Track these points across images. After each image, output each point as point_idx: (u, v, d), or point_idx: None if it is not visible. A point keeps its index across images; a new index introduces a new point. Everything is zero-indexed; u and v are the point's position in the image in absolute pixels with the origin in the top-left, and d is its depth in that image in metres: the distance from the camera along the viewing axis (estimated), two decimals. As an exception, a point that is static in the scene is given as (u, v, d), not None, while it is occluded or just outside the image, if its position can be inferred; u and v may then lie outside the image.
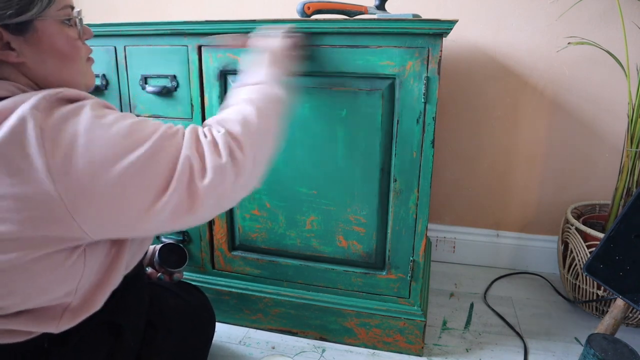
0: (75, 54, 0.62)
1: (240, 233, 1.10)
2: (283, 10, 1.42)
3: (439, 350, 1.06)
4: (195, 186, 0.57)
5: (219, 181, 0.59)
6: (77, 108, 0.54)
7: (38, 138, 0.49)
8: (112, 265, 0.63)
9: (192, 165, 0.57)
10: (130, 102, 1.06)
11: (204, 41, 0.97)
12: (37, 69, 0.58)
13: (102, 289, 0.63)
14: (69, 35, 0.61)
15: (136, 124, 0.57)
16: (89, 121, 0.53)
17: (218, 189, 0.59)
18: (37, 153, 0.49)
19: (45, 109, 0.51)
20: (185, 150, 0.58)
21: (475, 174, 1.43)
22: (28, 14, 0.54)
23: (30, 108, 0.50)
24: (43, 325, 0.59)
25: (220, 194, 0.59)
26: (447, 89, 1.37)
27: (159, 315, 0.82)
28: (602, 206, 1.31)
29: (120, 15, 1.56)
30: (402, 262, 1.00)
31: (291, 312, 1.10)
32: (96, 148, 0.52)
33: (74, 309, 0.61)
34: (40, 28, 0.57)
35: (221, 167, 0.59)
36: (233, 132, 0.63)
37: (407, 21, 0.86)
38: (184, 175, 0.56)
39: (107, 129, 0.54)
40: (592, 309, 1.19)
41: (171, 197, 0.55)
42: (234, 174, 0.60)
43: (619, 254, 0.93)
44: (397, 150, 0.94)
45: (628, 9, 1.18)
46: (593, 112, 1.30)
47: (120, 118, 0.56)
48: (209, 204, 0.59)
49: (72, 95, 0.56)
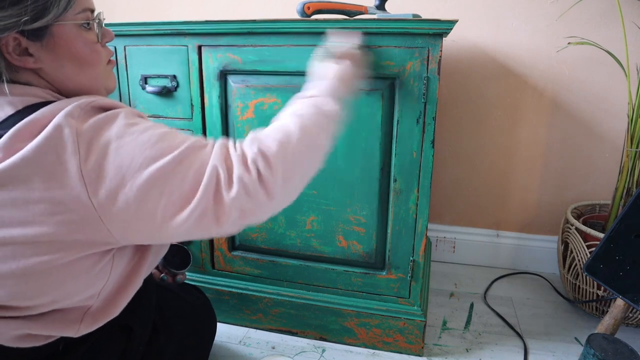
0: (94, 59, 0.62)
1: (240, 233, 1.10)
2: (283, 10, 1.42)
3: (439, 350, 1.06)
4: (221, 196, 0.56)
5: (244, 195, 0.56)
6: (112, 116, 0.55)
7: (74, 144, 0.51)
8: (134, 270, 0.64)
9: (219, 175, 0.56)
10: (130, 102, 1.06)
11: (204, 41, 0.97)
12: (55, 74, 0.59)
13: (123, 293, 0.64)
14: (88, 39, 0.60)
15: (167, 134, 0.57)
16: (121, 128, 0.54)
17: (243, 202, 0.57)
18: (72, 158, 0.51)
19: (80, 117, 0.53)
20: (214, 160, 0.57)
21: (475, 174, 1.43)
22: (44, 19, 0.54)
23: (65, 116, 0.52)
24: (64, 329, 0.60)
25: (246, 209, 0.57)
26: (447, 89, 1.37)
27: (161, 316, 0.82)
28: (602, 206, 1.31)
29: (120, 15, 1.56)
30: (402, 262, 1.00)
31: (291, 312, 1.10)
32: (126, 154, 0.53)
33: (94, 313, 0.62)
34: (57, 33, 0.57)
35: (248, 181, 0.57)
36: (266, 151, 0.59)
37: (407, 21, 0.85)
38: (210, 185, 0.55)
39: (137, 135, 0.54)
40: (592, 309, 1.19)
41: (197, 205, 0.55)
42: (263, 192, 0.58)
43: (619, 254, 0.93)
44: (397, 150, 0.94)
45: (628, 9, 1.18)
46: (593, 112, 1.30)
47: (152, 127, 0.57)
48: (233, 217, 0.57)
49: (105, 104, 0.57)
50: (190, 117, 1.03)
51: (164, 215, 0.55)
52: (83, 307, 0.61)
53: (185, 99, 1.02)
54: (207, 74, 0.99)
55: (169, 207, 0.54)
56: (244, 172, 0.57)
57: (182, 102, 1.03)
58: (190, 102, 1.02)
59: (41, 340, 0.60)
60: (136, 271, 0.65)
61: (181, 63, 1.00)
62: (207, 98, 1.01)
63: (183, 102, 1.03)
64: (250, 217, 0.58)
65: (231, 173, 0.57)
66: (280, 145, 0.60)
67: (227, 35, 0.96)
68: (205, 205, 0.55)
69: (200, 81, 1.00)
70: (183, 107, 1.03)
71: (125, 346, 0.71)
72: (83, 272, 0.56)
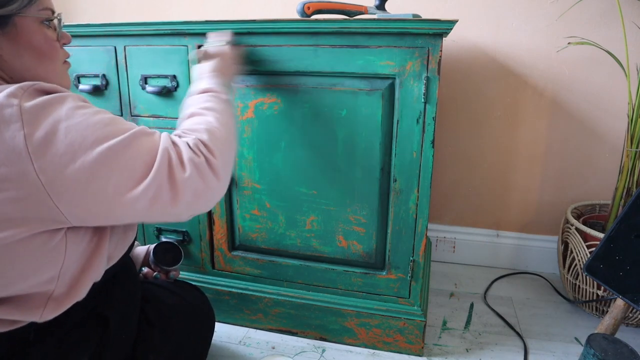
0: (52, 54, 0.64)
1: (240, 233, 1.10)
2: (283, 10, 1.42)
3: (439, 350, 1.06)
4: (174, 176, 0.60)
5: (197, 175, 0.61)
6: (60, 97, 0.56)
7: (17, 121, 0.51)
8: (94, 253, 0.64)
9: (170, 156, 0.60)
10: (130, 102, 1.06)
11: (204, 41, 0.97)
12: (13, 62, 0.60)
13: (84, 277, 0.64)
14: (48, 35, 0.63)
15: (116, 119, 0.60)
16: (69, 110, 0.56)
17: (196, 183, 0.61)
18: (17, 136, 0.51)
19: (22, 96, 0.53)
20: (164, 143, 0.61)
21: (475, 174, 1.43)
22: (8, 8, 0.57)
23: (7, 95, 0.52)
24: (27, 313, 0.60)
25: (198, 190, 0.62)
26: (447, 89, 1.37)
27: (156, 312, 0.82)
28: (602, 206, 1.31)
29: (120, 15, 1.56)
30: (402, 262, 1.00)
31: (291, 312, 1.10)
32: (76, 133, 0.54)
33: (58, 298, 0.62)
34: (19, 24, 0.59)
35: (199, 163, 0.62)
36: (202, 138, 0.66)
37: (407, 21, 0.85)
38: (163, 164, 0.59)
39: (88, 117, 0.57)
40: (592, 309, 1.19)
41: (151, 183, 0.58)
42: (211, 174, 0.64)
43: (619, 254, 0.93)
44: (397, 150, 0.94)
45: (628, 9, 1.18)
46: (593, 112, 1.30)
47: (101, 111, 0.59)
48: (188, 198, 0.61)
49: (48, 88, 0.57)
50: (190, 117, 1.03)
51: (115, 191, 0.56)
52: (45, 291, 0.60)
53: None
54: (207, 74, 0.99)
55: (121, 184, 0.56)
56: (193, 155, 0.62)
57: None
58: (190, 102, 1.02)
59: (6, 325, 0.59)
60: (96, 255, 0.65)
61: (181, 63, 1.00)
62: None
63: (183, 102, 1.03)
64: (201, 199, 0.63)
65: (181, 156, 0.61)
66: (209, 133, 0.67)
67: (227, 35, 0.96)
68: (160, 183, 0.58)
69: (200, 81, 1.00)
70: (183, 107, 1.03)
71: (102, 336, 0.70)
72: (33, 252, 0.56)
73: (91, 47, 1.04)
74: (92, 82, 1.07)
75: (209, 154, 0.64)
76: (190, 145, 0.64)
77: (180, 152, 0.62)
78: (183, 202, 0.61)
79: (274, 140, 1.00)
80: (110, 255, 0.69)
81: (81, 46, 1.04)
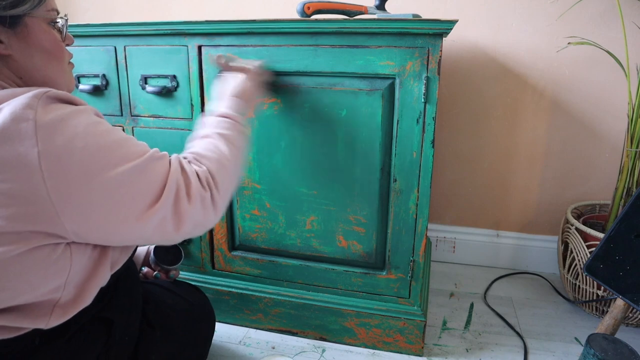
0: (59, 54, 0.64)
1: (240, 233, 1.10)
2: (283, 10, 1.42)
3: (439, 350, 1.06)
4: (180, 207, 0.62)
5: (200, 209, 0.65)
6: (74, 112, 0.56)
7: (32, 138, 0.50)
8: (99, 260, 0.65)
9: (179, 187, 0.63)
10: (130, 102, 1.06)
11: (204, 41, 0.97)
12: (24, 62, 0.60)
13: (90, 284, 0.64)
14: (55, 35, 0.63)
15: (129, 139, 0.61)
16: (86, 126, 0.55)
17: (198, 216, 0.65)
18: (30, 150, 0.50)
19: (38, 108, 0.52)
20: (174, 172, 0.63)
21: (475, 174, 1.43)
22: (20, 8, 0.57)
23: (22, 107, 0.51)
24: (33, 321, 0.59)
25: (198, 222, 0.66)
26: (447, 89, 1.37)
27: (156, 313, 0.82)
28: (602, 206, 1.31)
29: (120, 15, 1.56)
30: (402, 262, 1.00)
31: (291, 312, 1.10)
32: (93, 152, 0.55)
33: (64, 305, 0.62)
34: (29, 24, 0.59)
35: (205, 198, 0.66)
36: (212, 170, 0.69)
37: (407, 21, 0.85)
38: (171, 194, 0.61)
39: (104, 136, 0.57)
40: (592, 309, 1.19)
41: (158, 211, 0.60)
42: (212, 209, 0.67)
43: (619, 254, 0.93)
44: (397, 150, 0.94)
45: (628, 9, 1.18)
46: (593, 112, 1.30)
47: (113, 130, 0.60)
48: (188, 229, 0.65)
49: (62, 95, 0.57)
50: (191, 117, 1.03)
51: (125, 216, 0.58)
52: (51, 299, 0.60)
53: (185, 99, 1.02)
54: (207, 74, 0.99)
55: (131, 209, 0.58)
56: (202, 189, 0.66)
57: (182, 102, 1.03)
58: (190, 102, 1.02)
59: (12, 332, 0.59)
60: (101, 263, 0.65)
61: (181, 63, 1.00)
62: (208, 98, 1.01)
63: (183, 102, 1.03)
64: (197, 229, 0.67)
65: (189, 187, 0.64)
66: (220, 165, 0.70)
67: (227, 35, 0.96)
68: (165, 214, 0.61)
69: (200, 81, 1.00)
70: (183, 107, 1.03)
71: (108, 338, 0.70)
72: (39, 263, 0.56)
73: (91, 47, 1.05)
74: (92, 82, 1.07)
75: (215, 189, 0.68)
76: (200, 177, 0.66)
77: (189, 184, 0.64)
78: (183, 231, 0.64)
79: (274, 140, 1.00)
80: (115, 261, 0.69)
81: (81, 46, 1.04)
